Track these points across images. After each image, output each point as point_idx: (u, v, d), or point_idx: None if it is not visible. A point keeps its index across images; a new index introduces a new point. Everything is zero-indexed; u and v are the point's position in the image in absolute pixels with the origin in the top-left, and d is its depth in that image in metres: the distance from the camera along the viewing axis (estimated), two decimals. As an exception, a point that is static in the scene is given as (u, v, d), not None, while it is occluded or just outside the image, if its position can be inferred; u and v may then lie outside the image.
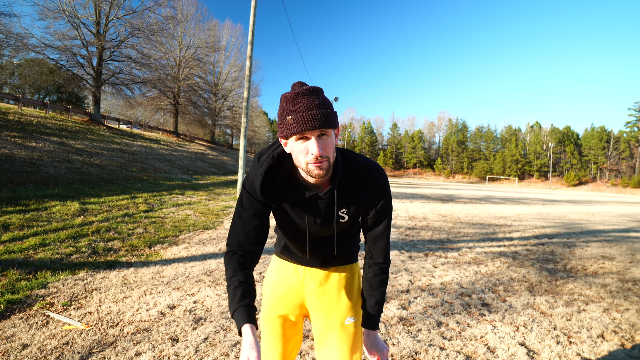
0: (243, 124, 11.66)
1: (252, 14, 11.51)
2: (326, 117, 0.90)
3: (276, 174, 1.03)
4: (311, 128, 0.88)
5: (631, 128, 71.07)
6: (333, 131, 0.96)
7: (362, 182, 1.07)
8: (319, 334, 1.21)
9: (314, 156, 0.91)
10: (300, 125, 0.88)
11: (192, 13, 32.64)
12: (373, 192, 1.09)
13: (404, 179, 71.51)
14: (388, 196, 1.12)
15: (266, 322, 1.25)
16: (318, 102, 0.90)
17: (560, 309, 3.19)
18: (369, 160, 1.11)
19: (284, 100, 0.93)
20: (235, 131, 46.26)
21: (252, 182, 1.04)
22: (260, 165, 1.02)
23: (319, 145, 0.91)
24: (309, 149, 0.91)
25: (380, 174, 1.09)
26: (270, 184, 1.03)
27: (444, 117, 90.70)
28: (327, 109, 0.91)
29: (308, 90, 0.91)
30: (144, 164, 14.74)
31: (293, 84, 0.95)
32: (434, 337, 2.52)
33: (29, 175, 8.14)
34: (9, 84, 32.09)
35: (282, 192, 1.05)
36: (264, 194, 1.03)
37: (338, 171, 1.03)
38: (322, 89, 0.95)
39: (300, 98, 0.90)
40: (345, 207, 1.08)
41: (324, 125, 0.90)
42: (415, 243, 5.88)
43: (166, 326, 2.52)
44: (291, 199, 1.06)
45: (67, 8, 18.89)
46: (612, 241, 7.13)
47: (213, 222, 6.79)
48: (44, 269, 3.51)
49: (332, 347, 1.16)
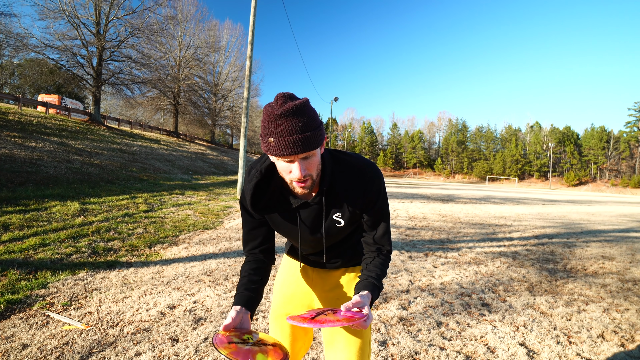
0: (243, 124, 11.66)
1: (252, 14, 11.52)
2: (308, 140, 0.86)
3: (266, 188, 1.05)
4: (293, 153, 0.86)
5: (631, 128, 71.10)
6: (318, 149, 0.92)
7: (355, 183, 1.05)
8: (328, 335, 1.22)
9: (298, 178, 0.91)
10: (282, 150, 0.86)
11: (192, 13, 32.68)
12: (367, 194, 1.05)
13: (404, 179, 71.50)
14: (383, 196, 1.09)
15: (275, 320, 1.27)
16: (301, 124, 0.85)
17: (560, 309, 3.19)
18: (361, 159, 1.08)
19: (267, 117, 0.87)
20: (235, 131, 46.27)
21: (244, 197, 1.07)
22: (249, 181, 1.04)
23: (302, 167, 0.90)
24: (292, 171, 0.91)
25: (374, 174, 1.06)
26: (261, 198, 1.05)
27: (444, 117, 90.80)
28: (310, 131, 0.86)
29: (291, 110, 0.84)
30: (144, 164, 14.74)
31: (276, 97, 0.88)
32: (434, 337, 2.52)
33: (29, 175, 8.14)
34: (9, 84, 32.09)
35: (273, 204, 1.07)
36: (255, 209, 1.06)
37: (326, 176, 1.01)
38: (306, 102, 0.88)
39: (282, 120, 0.84)
40: (339, 212, 1.06)
41: (306, 149, 0.86)
42: (415, 243, 5.88)
43: (166, 326, 2.52)
44: (282, 209, 1.08)
45: (67, 8, 18.89)
46: (612, 241, 7.13)
47: (213, 222, 6.79)
48: (44, 269, 3.51)
49: (341, 348, 1.16)
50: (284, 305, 1.25)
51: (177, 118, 33.35)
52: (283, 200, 1.06)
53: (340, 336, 1.18)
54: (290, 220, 1.09)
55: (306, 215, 1.08)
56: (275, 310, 1.27)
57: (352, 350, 1.15)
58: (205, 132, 42.13)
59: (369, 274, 1.06)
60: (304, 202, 1.05)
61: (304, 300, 1.25)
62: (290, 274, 1.28)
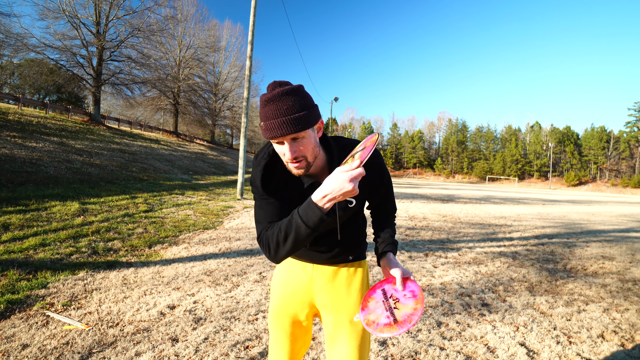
0: (243, 124, 11.66)
1: (252, 14, 11.52)
2: (296, 121, 0.89)
3: (274, 169, 1.08)
4: (279, 135, 0.90)
5: (631, 128, 71.07)
6: (310, 129, 0.96)
7: None
8: (329, 332, 1.22)
9: (289, 159, 0.95)
10: (270, 133, 0.91)
11: (192, 13, 32.69)
12: (373, 169, 1.12)
13: (404, 179, 71.51)
14: (387, 172, 1.19)
15: (274, 320, 1.27)
16: (287, 106, 0.89)
17: (560, 309, 3.19)
18: (360, 141, 1.13)
19: (260, 103, 0.93)
20: (235, 131, 46.26)
21: (254, 179, 1.10)
22: (258, 164, 1.08)
23: (292, 149, 0.94)
24: (285, 153, 0.96)
25: (376, 154, 1.13)
26: (270, 179, 1.09)
27: (444, 117, 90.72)
28: (298, 112, 0.90)
29: (278, 94, 0.89)
30: (144, 164, 14.74)
31: (268, 85, 0.94)
32: (434, 337, 2.52)
33: (29, 175, 8.14)
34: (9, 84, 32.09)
35: (283, 185, 1.10)
36: (266, 190, 1.08)
37: (334, 157, 1.07)
38: (296, 87, 0.92)
39: (270, 104, 0.90)
40: None
41: (294, 130, 0.90)
42: (415, 243, 5.88)
43: (166, 326, 2.52)
44: (293, 190, 1.10)
45: (67, 8, 18.90)
46: (612, 241, 7.13)
47: (213, 222, 6.79)
48: (44, 269, 3.51)
49: (342, 344, 1.17)
50: (284, 305, 1.25)
51: (177, 118, 33.35)
52: (293, 181, 1.10)
53: (341, 331, 1.19)
54: (302, 199, 1.09)
55: None
56: (275, 310, 1.27)
57: (353, 347, 1.16)
58: (205, 132, 42.13)
59: (384, 237, 1.23)
60: (315, 182, 1.09)
61: (304, 298, 1.24)
62: (290, 273, 1.28)
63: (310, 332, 1.32)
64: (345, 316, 1.20)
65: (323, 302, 1.23)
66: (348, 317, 1.20)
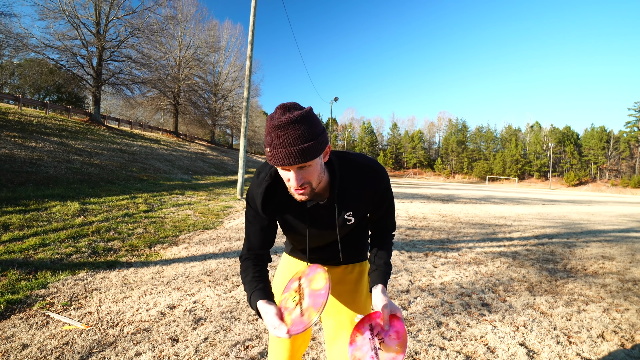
0: (243, 124, 11.66)
1: (252, 14, 11.52)
2: (304, 152, 0.86)
3: (276, 190, 1.07)
4: (287, 164, 0.88)
5: (631, 128, 71.06)
6: (317, 158, 0.93)
7: (364, 182, 1.09)
8: (329, 332, 1.23)
9: (294, 186, 0.93)
10: (276, 161, 0.88)
11: (192, 13, 32.68)
12: (377, 191, 1.11)
13: (404, 179, 71.50)
14: (390, 191, 1.17)
15: None
16: (296, 135, 0.85)
17: (560, 309, 3.19)
18: (367, 158, 1.12)
19: (267, 127, 0.89)
20: (235, 131, 46.27)
21: (254, 199, 1.08)
22: (259, 184, 1.06)
23: (298, 177, 0.91)
24: (290, 179, 0.93)
25: (381, 172, 1.11)
26: (271, 201, 1.07)
27: (444, 117, 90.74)
28: (306, 142, 0.86)
29: (287, 123, 0.84)
30: (144, 164, 14.74)
31: (276, 108, 0.90)
32: (434, 337, 2.52)
33: (29, 175, 8.14)
34: (9, 84, 32.08)
35: (283, 206, 1.09)
36: (266, 211, 1.08)
37: (336, 178, 1.05)
38: (305, 113, 0.87)
39: (277, 131, 0.85)
40: (351, 210, 1.10)
41: (302, 161, 0.87)
42: (415, 243, 5.88)
43: (166, 326, 2.52)
44: (293, 211, 1.10)
45: (67, 8, 18.90)
46: (612, 241, 7.13)
47: (213, 222, 6.79)
48: (44, 269, 3.51)
49: (343, 344, 1.17)
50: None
51: (177, 118, 33.35)
52: (294, 203, 1.09)
53: (342, 331, 1.19)
54: (303, 220, 1.12)
55: (319, 215, 1.11)
56: None
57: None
58: (205, 132, 42.12)
59: (378, 264, 1.17)
60: (316, 204, 1.09)
61: None
62: (291, 273, 1.28)
63: (310, 332, 1.32)
64: (347, 317, 1.20)
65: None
66: (349, 317, 1.20)
